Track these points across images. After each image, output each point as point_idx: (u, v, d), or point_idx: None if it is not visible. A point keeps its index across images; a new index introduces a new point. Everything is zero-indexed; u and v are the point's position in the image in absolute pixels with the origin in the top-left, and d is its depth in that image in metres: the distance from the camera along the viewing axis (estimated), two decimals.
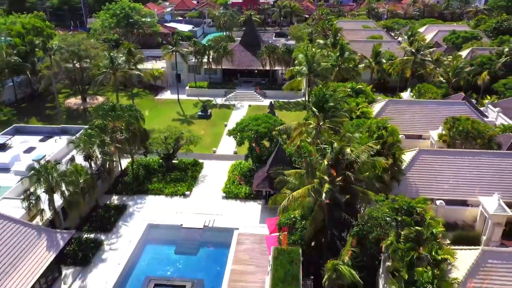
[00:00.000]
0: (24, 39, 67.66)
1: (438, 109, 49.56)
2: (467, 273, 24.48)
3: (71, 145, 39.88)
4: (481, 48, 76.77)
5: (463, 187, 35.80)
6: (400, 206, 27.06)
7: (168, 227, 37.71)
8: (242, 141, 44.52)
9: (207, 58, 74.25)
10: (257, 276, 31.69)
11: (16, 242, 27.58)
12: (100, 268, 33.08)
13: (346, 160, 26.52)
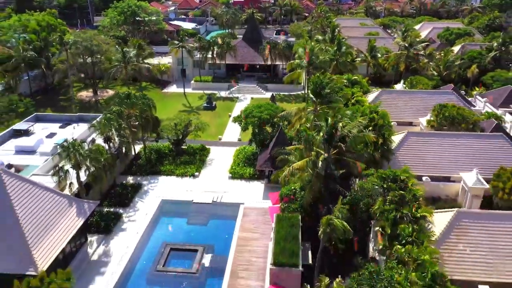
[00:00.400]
0: (39, 36, 71.62)
1: (428, 98, 53.42)
2: (443, 229, 28.40)
3: (90, 130, 43.73)
4: (473, 43, 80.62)
5: (447, 165, 39.64)
6: (387, 176, 30.96)
7: (180, 202, 41.63)
8: (246, 126, 48.47)
9: (211, 53, 78.15)
10: (262, 242, 35.57)
11: (52, 207, 31.47)
12: (121, 236, 37.00)
13: (339, 134, 30.39)
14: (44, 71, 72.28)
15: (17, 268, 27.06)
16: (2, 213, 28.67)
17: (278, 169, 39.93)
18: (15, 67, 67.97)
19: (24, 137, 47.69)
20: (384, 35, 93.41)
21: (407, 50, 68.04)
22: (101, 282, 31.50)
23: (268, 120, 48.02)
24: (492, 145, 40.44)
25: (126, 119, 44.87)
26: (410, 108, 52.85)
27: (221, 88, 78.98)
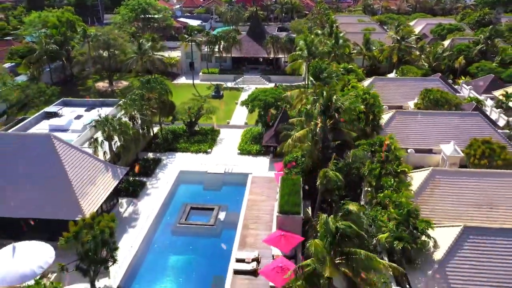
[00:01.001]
0: (59, 30, 77.48)
1: (416, 84, 59.10)
2: (420, 184, 34.22)
3: (117, 109, 49.54)
4: (462, 38, 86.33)
5: (429, 139, 45.40)
6: (374, 142, 36.81)
7: (196, 172, 47.52)
8: (253, 109, 54.35)
9: (218, 47, 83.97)
10: (268, 203, 41.42)
11: (92, 169, 37.34)
12: (146, 199, 42.84)
13: (334, 106, 36.19)
14: (64, 63, 78.13)
15: (69, 215, 32.87)
16: (55, 171, 34.58)
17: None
18: (38, 59, 73.76)
19: (56, 118, 53.60)
20: (381, 31, 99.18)
21: (399, 43, 73.79)
22: (134, 233, 37.32)
23: (273, 103, 53.89)
24: (469, 122, 46.27)
25: (147, 101, 50.73)
26: (400, 93, 58.62)
27: (227, 80, 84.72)
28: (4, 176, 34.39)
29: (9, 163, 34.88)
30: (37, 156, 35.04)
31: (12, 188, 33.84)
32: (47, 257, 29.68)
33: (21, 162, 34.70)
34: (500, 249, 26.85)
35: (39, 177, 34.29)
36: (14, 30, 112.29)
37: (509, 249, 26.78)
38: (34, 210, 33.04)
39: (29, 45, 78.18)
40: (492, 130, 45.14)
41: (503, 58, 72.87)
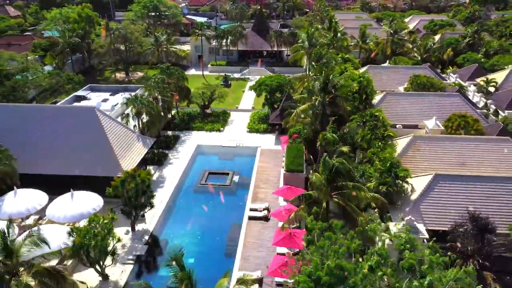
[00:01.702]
0: (80, 25, 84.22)
1: (407, 72, 65.66)
2: (403, 148, 40.96)
3: (142, 91, 56.29)
4: (453, 32, 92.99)
5: (415, 116, 52.04)
6: (366, 114, 43.54)
7: (211, 146, 54.42)
8: (260, 92, 61.13)
9: (225, 41, 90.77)
10: (275, 169, 48.17)
11: (127, 138, 44.14)
12: (170, 167, 49.60)
13: (331, 83, 42.91)
14: (85, 55, 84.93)
15: (112, 172, 39.61)
16: (99, 138, 41.38)
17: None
18: (61, 51, 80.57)
19: (85, 101, 60.42)
20: (377, 26, 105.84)
21: (392, 36, 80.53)
22: (162, 192, 44.04)
23: (277, 88, 60.67)
24: (450, 101, 52.98)
25: (167, 85, 57.48)
26: (392, 79, 65.27)
27: (234, 71, 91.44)
28: (57, 141, 41.16)
29: (61, 130, 41.69)
30: (84, 124, 41.88)
31: (65, 151, 40.65)
32: (98, 202, 36.50)
33: (71, 130, 41.52)
34: (462, 191, 33.61)
35: (86, 141, 41.08)
36: (31, 27, 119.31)
37: (469, 191, 33.53)
38: (84, 169, 39.83)
39: (52, 39, 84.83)
40: (469, 107, 51.87)
41: (487, 49, 79.63)
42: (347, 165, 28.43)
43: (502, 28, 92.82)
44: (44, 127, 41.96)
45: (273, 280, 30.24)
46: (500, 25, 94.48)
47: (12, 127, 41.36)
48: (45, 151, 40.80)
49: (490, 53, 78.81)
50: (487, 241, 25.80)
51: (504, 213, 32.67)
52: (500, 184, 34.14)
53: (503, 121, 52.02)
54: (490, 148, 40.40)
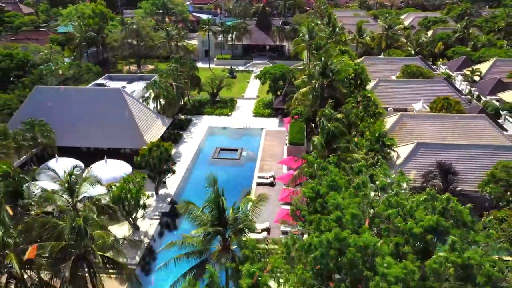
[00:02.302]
0: (94, 21, 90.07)
1: (399, 62, 71.44)
2: (391, 124, 46.77)
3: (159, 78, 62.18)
4: (445, 28, 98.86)
5: (404, 100, 57.86)
6: (359, 95, 49.36)
7: (221, 127, 60.33)
8: (265, 80, 66.98)
9: (230, 36, 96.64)
10: (279, 146, 54.04)
11: (149, 116, 50.00)
12: (184, 145, 55.44)
13: (329, 68, 48.73)
14: (99, 48, 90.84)
15: (137, 144, 45.45)
16: (126, 115, 47.23)
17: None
18: (78, 45, 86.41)
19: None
20: (373, 23, 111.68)
21: (387, 31, 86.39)
22: (179, 164, 49.78)
23: (281, 76, 66.52)
24: (436, 87, 58.81)
25: (180, 73, 63.30)
26: (385, 69, 71.01)
27: (238, 64, 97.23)
28: (89, 118, 47.01)
29: (92, 109, 47.53)
30: (112, 103, 47.74)
31: (96, 127, 46.51)
32: (128, 168, 42.37)
33: (101, 108, 47.38)
34: (440, 156, 39.42)
35: (114, 118, 46.92)
36: (43, 23, 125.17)
37: (446, 156, 39.32)
38: (113, 142, 45.70)
39: (68, 34, 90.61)
40: (453, 93, 57.70)
41: (475, 43, 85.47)
42: (341, 127, 34.30)
43: (491, 24, 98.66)
44: (77, 106, 47.81)
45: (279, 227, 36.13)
46: (489, 21, 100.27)
47: (51, 106, 47.22)
48: (78, 127, 46.65)
49: (478, 46, 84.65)
50: (450, 180, 31.58)
51: (475, 174, 38.50)
52: (473, 150, 40.01)
53: (484, 105, 57.92)
54: (467, 123, 46.28)
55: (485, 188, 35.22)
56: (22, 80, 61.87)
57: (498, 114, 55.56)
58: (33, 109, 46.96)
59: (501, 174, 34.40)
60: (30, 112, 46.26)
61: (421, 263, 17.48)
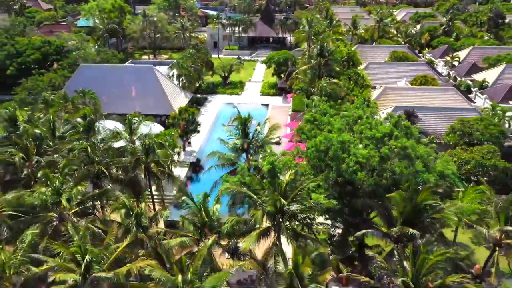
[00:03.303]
0: (114, 14, 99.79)
1: (389, 50, 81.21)
2: (377, 95, 56.46)
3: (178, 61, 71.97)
4: (433, 21, 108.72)
5: (390, 79, 67.49)
6: (350, 71, 59.10)
7: (233, 103, 70.01)
8: (270, 64, 76.78)
9: (237, 29, 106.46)
10: (283, 116, 63.75)
11: (174, 90, 59.77)
12: (202, 117, 65.03)
13: (325, 49, 58.42)
14: (120, 39, 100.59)
15: (167, 111, 55.18)
16: (157, 88, 56.94)
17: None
18: (101, 36, 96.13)
19: None
20: (368, 17, 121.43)
21: (378, 23, 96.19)
22: (200, 130, 59.44)
23: (284, 61, 76.31)
24: (418, 69, 68.41)
25: (196, 58, 73.07)
26: (376, 55, 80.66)
27: (244, 54, 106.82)
28: (127, 90, 56.73)
29: (129, 82, 57.23)
30: (145, 78, 57.46)
31: (132, 97, 56.22)
32: (160, 128, 52.08)
33: (136, 82, 57.10)
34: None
35: (147, 90, 56.64)
36: (62, 19, 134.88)
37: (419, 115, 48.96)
38: (147, 109, 55.40)
39: (91, 28, 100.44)
40: (432, 73, 67.42)
41: (458, 34, 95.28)
42: (335, 87, 44.03)
43: (474, 18, 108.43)
44: (116, 80, 57.54)
45: None
46: (473, 16, 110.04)
47: (94, 80, 56.86)
48: (117, 98, 56.37)
49: (460, 37, 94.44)
50: (412, 121, 41.17)
51: (442, 130, 48.20)
52: (442, 112, 49.79)
53: (459, 83, 67.75)
54: (440, 94, 56.13)
55: (446, 138, 44.97)
56: (61, 63, 71.60)
57: (471, 91, 65.33)
58: (79, 83, 56.59)
59: (458, 126, 44.13)
60: (76, 85, 55.91)
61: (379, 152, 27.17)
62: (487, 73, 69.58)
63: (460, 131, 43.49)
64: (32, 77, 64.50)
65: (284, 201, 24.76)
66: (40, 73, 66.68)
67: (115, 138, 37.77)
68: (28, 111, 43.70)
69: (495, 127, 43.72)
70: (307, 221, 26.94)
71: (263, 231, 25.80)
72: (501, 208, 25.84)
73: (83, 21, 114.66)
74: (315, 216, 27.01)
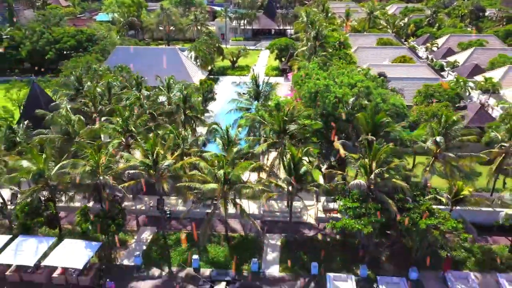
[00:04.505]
0: (133, 8, 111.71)
1: (377, 37, 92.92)
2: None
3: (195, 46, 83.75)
4: (419, 15, 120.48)
5: (376, 59, 79.09)
6: (341, 52, 70.71)
7: (241, 82, 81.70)
8: (273, 49, 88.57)
9: (243, 22, 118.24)
10: (284, 88, 75.38)
11: (193, 67, 71.57)
12: (217, 89, 76.92)
13: (320, 34, 70.05)
14: (138, 31, 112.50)
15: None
16: (180, 64, 68.70)
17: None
18: (121, 28, 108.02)
19: None
20: (361, 12, 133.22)
21: (369, 15, 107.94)
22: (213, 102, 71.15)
23: (285, 47, 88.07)
24: (400, 52, 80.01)
25: (209, 44, 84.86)
26: (365, 42, 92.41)
27: (249, 44, 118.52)
28: (155, 67, 68.41)
29: (157, 61, 68.98)
30: (170, 58, 69.25)
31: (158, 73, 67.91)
32: None
33: (163, 61, 68.87)
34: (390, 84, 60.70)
35: (172, 67, 68.38)
36: (79, 14, 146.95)
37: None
38: None
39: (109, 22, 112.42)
40: (411, 55, 79.03)
41: (439, 25, 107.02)
42: (326, 58, 55.67)
43: (456, 11, 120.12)
44: (147, 60, 69.28)
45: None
46: (456, 9, 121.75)
47: (127, 59, 68.58)
48: (147, 73, 67.98)
49: (441, 27, 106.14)
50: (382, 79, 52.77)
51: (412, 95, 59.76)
52: (413, 81, 61.43)
53: (435, 64, 79.44)
54: (415, 69, 67.80)
55: (414, 100, 56.61)
56: (94, 48, 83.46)
57: (444, 70, 77.02)
58: (115, 61, 68.32)
59: (423, 89, 55.77)
60: (112, 64, 67.60)
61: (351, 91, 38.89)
62: (459, 55, 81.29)
63: (424, 93, 55.12)
64: (72, 59, 76.28)
65: (286, 119, 36.69)
66: (78, 55, 78.49)
67: (157, 94, 49.55)
68: (88, 79, 55.30)
69: (452, 90, 55.36)
70: (302, 140, 38.73)
71: (271, 143, 37.58)
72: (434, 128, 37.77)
73: (102, 16, 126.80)
74: (308, 136, 38.81)
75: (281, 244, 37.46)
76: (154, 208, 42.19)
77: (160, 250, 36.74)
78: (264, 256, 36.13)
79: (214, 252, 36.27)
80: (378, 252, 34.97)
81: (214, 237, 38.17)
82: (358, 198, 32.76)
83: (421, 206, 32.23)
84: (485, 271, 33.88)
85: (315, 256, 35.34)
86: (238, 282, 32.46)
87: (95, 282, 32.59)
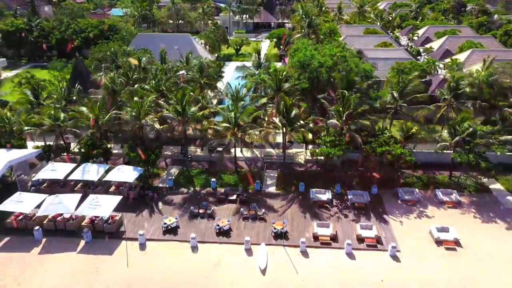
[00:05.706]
0: (146, 3, 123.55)
1: (364, 28, 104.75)
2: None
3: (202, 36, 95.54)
4: (406, 9, 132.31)
5: (362, 46, 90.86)
6: (331, 39, 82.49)
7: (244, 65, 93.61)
8: (272, 38, 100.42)
9: (245, 16, 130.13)
10: None
11: (204, 52, 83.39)
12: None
13: (313, 22, 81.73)
14: (151, 24, 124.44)
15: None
16: (193, 48, 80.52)
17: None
18: (135, 21, 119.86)
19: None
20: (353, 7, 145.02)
21: (359, 10, 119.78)
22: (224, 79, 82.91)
23: (282, 36, 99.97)
24: (383, 39, 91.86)
25: (216, 33, 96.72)
26: (354, 32, 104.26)
27: (251, 36, 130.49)
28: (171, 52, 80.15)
29: (171, 45, 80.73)
30: (185, 43, 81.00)
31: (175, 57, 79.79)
32: None
33: (177, 45, 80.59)
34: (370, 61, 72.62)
35: (185, 51, 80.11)
36: (93, 10, 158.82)
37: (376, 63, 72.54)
38: None
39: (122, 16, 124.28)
40: (393, 42, 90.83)
41: (422, 18, 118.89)
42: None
43: (439, 6, 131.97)
44: (163, 44, 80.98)
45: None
46: (439, 4, 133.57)
47: (148, 44, 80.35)
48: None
49: (424, 19, 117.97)
50: (361, 57, 64.52)
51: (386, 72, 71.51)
52: (389, 60, 73.20)
53: (412, 51, 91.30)
54: (391, 52, 79.53)
55: (388, 76, 68.42)
56: (115, 37, 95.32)
57: (420, 54, 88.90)
58: (136, 46, 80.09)
59: (395, 66, 67.57)
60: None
61: (331, 59, 50.76)
62: (434, 43, 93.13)
63: (396, 69, 66.93)
64: (98, 45, 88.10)
65: (281, 77, 48.73)
66: (103, 43, 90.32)
67: (178, 67, 61.43)
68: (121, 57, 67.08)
69: (419, 67, 67.16)
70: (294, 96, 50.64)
71: (269, 98, 49.48)
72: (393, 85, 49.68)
73: (115, 11, 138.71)
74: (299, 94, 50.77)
75: (277, 175, 49.30)
76: (178, 153, 54.03)
77: (185, 179, 48.57)
78: (264, 182, 47.95)
79: (227, 179, 48.11)
80: (349, 176, 46.83)
81: (226, 171, 50.05)
82: (333, 134, 44.63)
83: (379, 139, 44.08)
84: (428, 189, 45.73)
85: (302, 181, 47.15)
86: (245, 194, 44.32)
87: (140, 193, 44.48)
